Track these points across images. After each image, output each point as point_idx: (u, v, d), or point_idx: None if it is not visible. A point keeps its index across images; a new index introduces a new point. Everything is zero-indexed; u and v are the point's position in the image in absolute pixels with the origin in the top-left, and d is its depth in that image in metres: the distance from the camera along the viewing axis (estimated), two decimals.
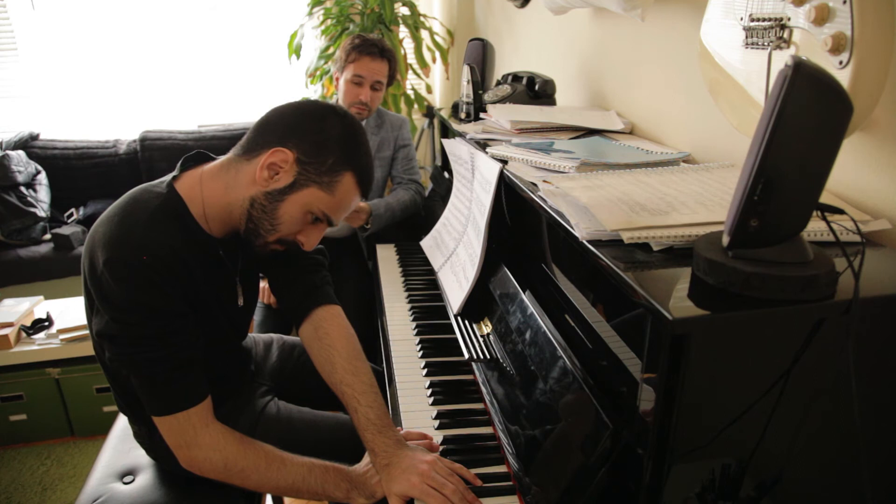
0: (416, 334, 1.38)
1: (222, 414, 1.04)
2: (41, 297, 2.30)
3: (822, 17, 0.76)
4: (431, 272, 1.59)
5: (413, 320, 1.45)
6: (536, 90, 1.68)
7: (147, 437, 1.14)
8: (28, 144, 3.00)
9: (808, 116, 0.55)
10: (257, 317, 1.95)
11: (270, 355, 1.39)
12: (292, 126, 0.98)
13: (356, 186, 1.02)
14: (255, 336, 1.42)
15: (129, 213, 0.94)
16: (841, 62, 0.74)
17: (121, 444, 1.25)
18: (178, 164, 1.03)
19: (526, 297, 1.09)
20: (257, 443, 1.01)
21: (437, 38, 2.98)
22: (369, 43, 1.90)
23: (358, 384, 1.07)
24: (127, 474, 1.17)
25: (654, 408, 0.63)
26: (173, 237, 0.93)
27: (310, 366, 1.16)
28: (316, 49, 2.92)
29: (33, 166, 2.90)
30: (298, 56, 2.91)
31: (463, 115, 1.74)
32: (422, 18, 2.94)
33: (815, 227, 0.73)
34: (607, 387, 0.80)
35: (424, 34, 2.95)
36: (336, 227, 1.03)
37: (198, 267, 0.98)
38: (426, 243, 1.67)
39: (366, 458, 1.04)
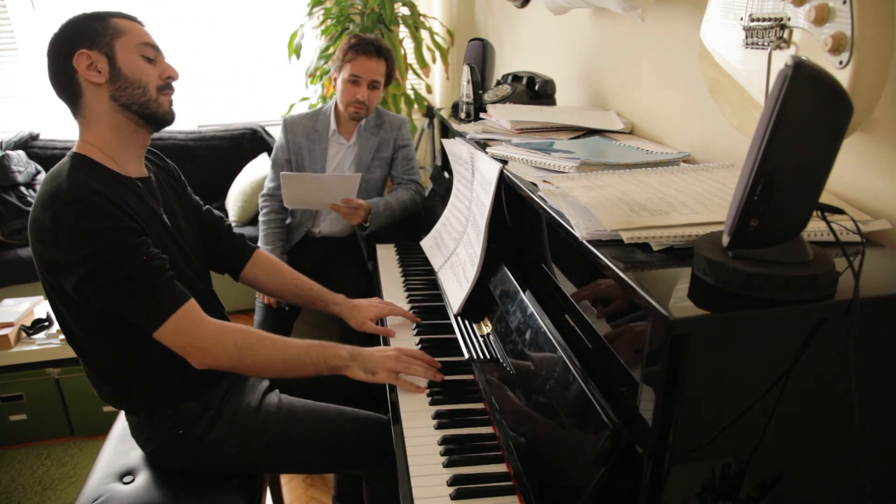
0: (416, 334, 1.38)
1: (222, 406, 1.05)
2: (41, 297, 2.30)
3: (822, 17, 0.76)
4: (431, 272, 1.59)
5: None
6: (536, 90, 1.68)
7: (146, 425, 1.15)
8: (28, 144, 3.00)
9: (808, 116, 0.55)
10: (257, 317, 1.95)
11: None
12: (59, 48, 1.06)
13: (122, 18, 1.11)
14: None
15: (50, 182, 1.03)
16: (841, 62, 0.74)
17: (121, 444, 1.25)
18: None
19: (526, 297, 1.09)
20: (254, 330, 1.12)
21: (437, 38, 2.97)
22: (366, 42, 1.90)
23: (314, 283, 1.42)
24: (127, 474, 1.17)
25: (654, 408, 0.63)
26: (95, 180, 1.03)
27: None
28: (316, 49, 2.91)
29: (33, 166, 2.90)
30: (298, 56, 2.91)
31: (463, 115, 1.74)
32: (422, 18, 2.94)
33: (815, 227, 0.73)
34: (607, 387, 0.80)
35: (424, 34, 2.94)
36: (154, 46, 1.13)
37: (130, 202, 1.06)
38: (426, 243, 1.67)
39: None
